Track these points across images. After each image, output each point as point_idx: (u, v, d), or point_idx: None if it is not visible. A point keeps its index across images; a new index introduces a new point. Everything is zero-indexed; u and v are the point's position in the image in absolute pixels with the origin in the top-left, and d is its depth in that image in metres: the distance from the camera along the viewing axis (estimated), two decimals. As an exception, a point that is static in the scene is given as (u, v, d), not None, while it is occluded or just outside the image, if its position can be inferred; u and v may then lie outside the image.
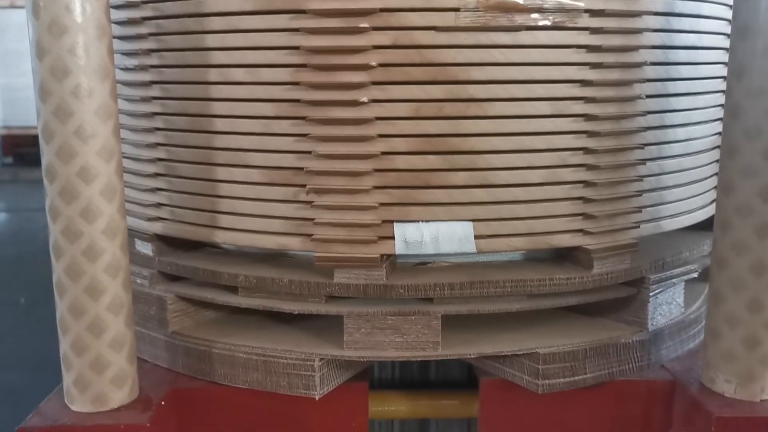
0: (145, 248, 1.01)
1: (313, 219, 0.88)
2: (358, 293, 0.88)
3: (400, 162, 0.85)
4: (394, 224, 0.87)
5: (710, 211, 1.06)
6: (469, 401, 1.06)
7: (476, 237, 0.87)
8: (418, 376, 1.13)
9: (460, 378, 1.13)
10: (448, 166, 0.85)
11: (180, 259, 0.98)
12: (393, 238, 0.87)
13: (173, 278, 1.01)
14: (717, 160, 1.05)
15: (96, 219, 0.82)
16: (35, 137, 0.87)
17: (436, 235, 0.86)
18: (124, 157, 0.91)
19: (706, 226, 1.07)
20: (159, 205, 0.99)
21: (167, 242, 1.01)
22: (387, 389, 1.11)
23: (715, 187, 1.08)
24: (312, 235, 0.88)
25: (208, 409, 0.94)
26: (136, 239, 1.03)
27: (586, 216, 0.90)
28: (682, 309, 1.03)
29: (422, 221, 0.87)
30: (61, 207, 0.82)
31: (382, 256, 0.87)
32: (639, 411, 0.95)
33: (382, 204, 0.86)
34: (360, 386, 0.94)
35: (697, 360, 0.99)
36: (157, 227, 0.99)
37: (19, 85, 6.63)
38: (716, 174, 1.06)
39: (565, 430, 1.00)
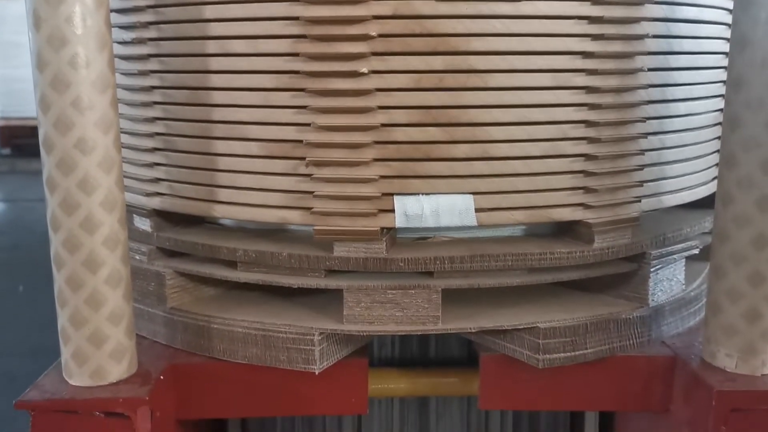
0: (143, 224, 1.00)
1: (313, 192, 0.87)
2: (358, 267, 0.87)
3: (400, 134, 0.85)
4: (394, 197, 0.86)
5: (711, 188, 1.06)
6: (468, 379, 1.06)
7: (477, 210, 0.86)
8: (418, 354, 1.13)
9: (460, 356, 1.13)
10: (448, 138, 0.85)
11: (179, 234, 0.98)
12: (393, 211, 0.86)
13: (172, 254, 1.00)
14: (719, 137, 1.05)
15: (94, 191, 0.82)
16: (33, 128, 0.87)
17: (437, 208, 0.86)
18: (121, 132, 0.90)
19: (707, 204, 1.06)
20: (157, 180, 0.98)
21: (166, 218, 1.01)
22: (386, 367, 1.11)
23: (717, 164, 1.08)
24: (311, 208, 0.87)
25: (208, 385, 0.93)
26: (134, 215, 1.02)
27: (587, 190, 0.90)
28: (683, 286, 1.02)
29: (422, 194, 0.86)
30: (58, 179, 0.81)
31: (382, 229, 0.87)
32: (639, 387, 0.95)
33: (382, 177, 0.86)
34: (360, 362, 0.94)
35: (697, 337, 0.99)
36: (155, 202, 0.98)
37: (17, 77, 6.60)
38: (718, 151, 1.05)
39: (565, 406, 1.00)
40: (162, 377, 0.89)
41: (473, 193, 0.86)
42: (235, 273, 0.93)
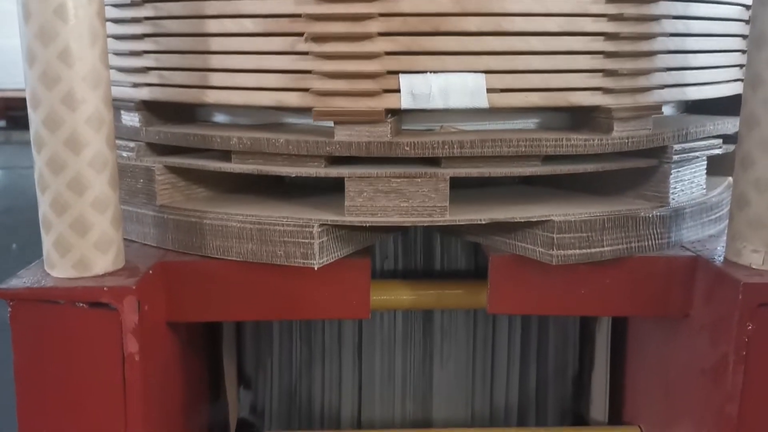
0: (131, 119, 0.94)
1: (311, 71, 0.81)
2: (360, 152, 0.81)
3: (407, 5, 0.78)
4: (400, 75, 0.80)
5: (735, 88, 1.00)
6: (475, 290, 1.00)
7: (488, 91, 0.80)
8: (422, 267, 1.07)
9: (467, 269, 1.08)
10: (459, 11, 0.78)
11: (169, 128, 0.92)
12: (398, 91, 0.80)
13: (162, 152, 0.94)
14: (745, 36, 0.98)
15: (74, 64, 0.76)
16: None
17: (446, 87, 0.80)
18: (107, 21, 0.83)
19: (730, 110, 1.01)
20: (146, 69, 0.91)
21: (155, 113, 0.94)
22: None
23: (741, 66, 1.02)
24: (310, 88, 0.81)
25: (200, 285, 0.88)
26: (122, 111, 0.96)
27: (606, 72, 0.83)
28: (704, 190, 0.97)
29: (430, 72, 0.80)
30: (38, 51, 0.75)
31: (386, 111, 0.81)
32: (658, 290, 0.89)
33: (387, 53, 0.79)
34: (362, 262, 0.88)
35: (719, 243, 0.93)
36: (143, 93, 0.92)
37: (10, 47, 6.50)
38: (744, 51, 0.99)
39: (578, 311, 0.95)
40: (151, 272, 0.84)
41: (485, 72, 0.80)
42: (229, 164, 0.87)
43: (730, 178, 1.10)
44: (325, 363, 1.12)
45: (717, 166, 1.06)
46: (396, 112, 0.83)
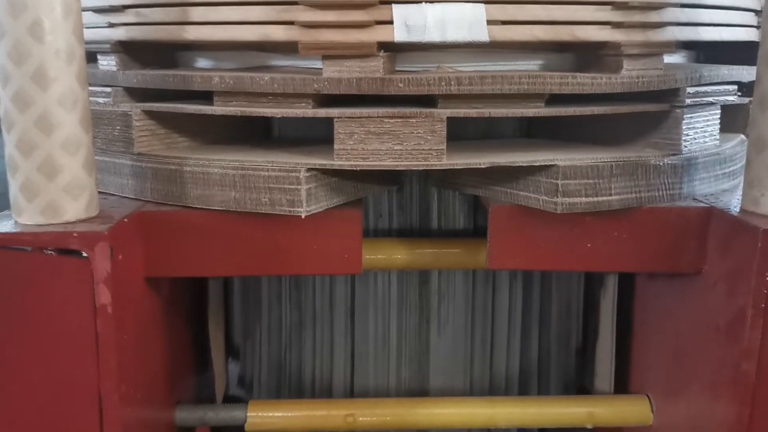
0: (108, 63, 0.88)
1: (297, 1, 0.75)
2: (351, 89, 0.75)
3: (401, -73, 0.73)
4: (393, 5, 0.74)
5: (752, 34, 0.94)
6: (474, 249, 0.95)
7: (489, 23, 0.75)
8: (418, 226, 1.02)
9: (465, 229, 1.02)
10: (457, -66, 0.73)
11: (147, 71, 0.86)
12: (392, 22, 0.74)
13: (141, 98, 0.88)
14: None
15: None
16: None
17: (442, 18, 0.74)
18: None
19: (746, 59, 0.95)
20: (123, 7, 0.85)
21: (133, 56, 0.89)
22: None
23: (758, 11, 0.96)
24: (296, 20, 0.75)
25: (180, 237, 0.82)
26: (98, 56, 0.90)
27: (616, 6, 0.78)
28: (717, 141, 0.91)
29: (426, 1, 0.74)
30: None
31: (378, 44, 0.75)
32: (669, 244, 0.84)
33: (379, -20, 0.74)
34: (353, 213, 0.83)
35: (733, 197, 0.88)
36: (120, 33, 0.86)
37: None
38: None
39: (583, 266, 0.89)
40: (126, 220, 0.78)
41: (485, 2, 0.74)
42: (210, 107, 0.81)
43: (743, 136, 1.04)
44: (316, 329, 1.06)
45: (729, 125, 1.00)
46: (389, 48, 0.77)
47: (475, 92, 0.76)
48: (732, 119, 1.01)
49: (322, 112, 0.77)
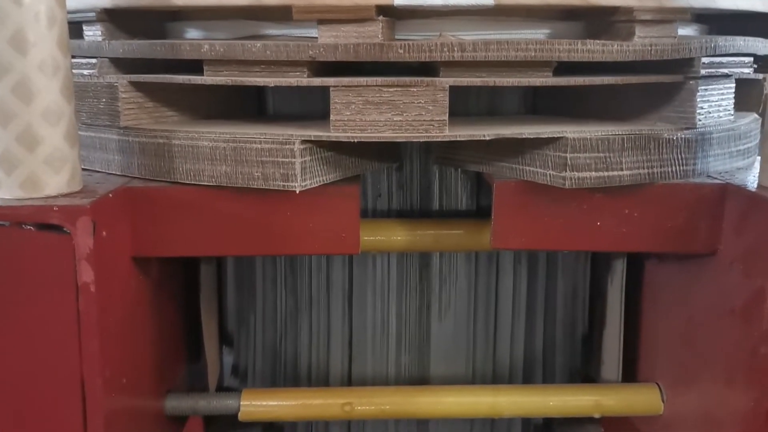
0: (93, 33, 0.84)
1: (292, -38, 0.71)
2: (348, 55, 0.71)
3: None
4: (393, -34, 0.70)
5: None
6: (477, 230, 0.91)
7: (494, -15, 0.71)
8: (419, 207, 0.98)
9: (467, 210, 0.98)
10: None
11: (133, 40, 0.82)
12: (391, -16, 0.71)
13: (128, 69, 0.84)
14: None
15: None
16: None
17: (445, -20, 0.70)
18: None
19: (759, 34, 0.91)
20: (108, -28, 0.82)
21: (119, 26, 0.85)
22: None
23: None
24: (291, -17, 0.72)
25: (169, 214, 0.78)
26: (83, 25, 0.86)
27: (628, -32, 0.74)
28: (732, 116, 0.87)
29: (427, -38, 0.70)
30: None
31: (377, 8, 0.71)
32: (683, 222, 0.80)
33: (377, -61, 0.70)
34: (350, 189, 0.79)
35: (749, 174, 0.84)
36: (106, 0, 0.82)
37: None
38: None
39: (591, 245, 0.85)
40: (111, 195, 0.74)
41: (490, -37, 0.71)
42: (200, 77, 0.77)
43: (756, 114, 1.00)
44: (312, 315, 1.02)
45: (742, 104, 0.96)
46: (388, 13, 0.73)
47: (479, 59, 0.71)
48: (745, 97, 0.97)
49: (318, 81, 0.73)
